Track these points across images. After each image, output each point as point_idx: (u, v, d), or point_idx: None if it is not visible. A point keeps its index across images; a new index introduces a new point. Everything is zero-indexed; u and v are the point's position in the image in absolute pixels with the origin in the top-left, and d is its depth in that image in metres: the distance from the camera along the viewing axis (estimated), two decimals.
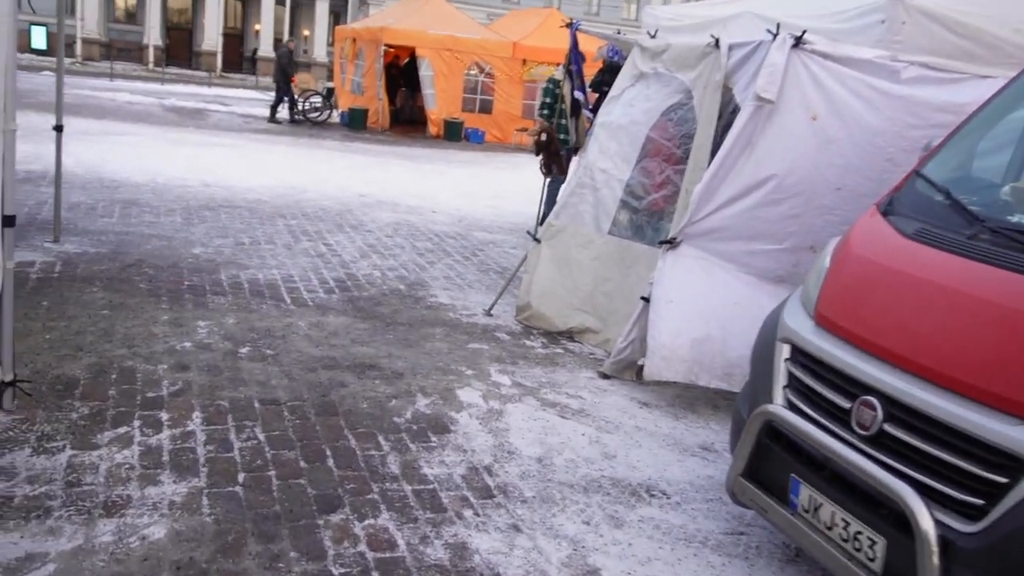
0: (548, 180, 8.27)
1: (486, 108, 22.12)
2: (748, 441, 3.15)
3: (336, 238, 8.34)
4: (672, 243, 5.03)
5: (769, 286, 5.07)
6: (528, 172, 15.82)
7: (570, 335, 5.93)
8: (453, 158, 17.26)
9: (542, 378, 5.07)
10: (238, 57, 44.10)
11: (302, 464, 3.70)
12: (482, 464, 3.90)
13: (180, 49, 42.99)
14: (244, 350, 4.96)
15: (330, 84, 25.22)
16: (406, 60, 22.88)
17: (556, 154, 7.82)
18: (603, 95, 8.40)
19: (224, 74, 39.78)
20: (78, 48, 37.90)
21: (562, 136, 8.34)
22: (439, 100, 21.36)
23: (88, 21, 39.14)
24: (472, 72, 21.76)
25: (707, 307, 4.94)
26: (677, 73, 5.58)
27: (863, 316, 2.98)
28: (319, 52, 41.30)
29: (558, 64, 22.78)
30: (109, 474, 3.44)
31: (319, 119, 21.69)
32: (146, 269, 6.39)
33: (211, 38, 40.87)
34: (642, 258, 5.63)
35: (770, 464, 3.11)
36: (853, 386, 2.84)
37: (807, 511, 2.91)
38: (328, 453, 3.83)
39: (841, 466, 2.76)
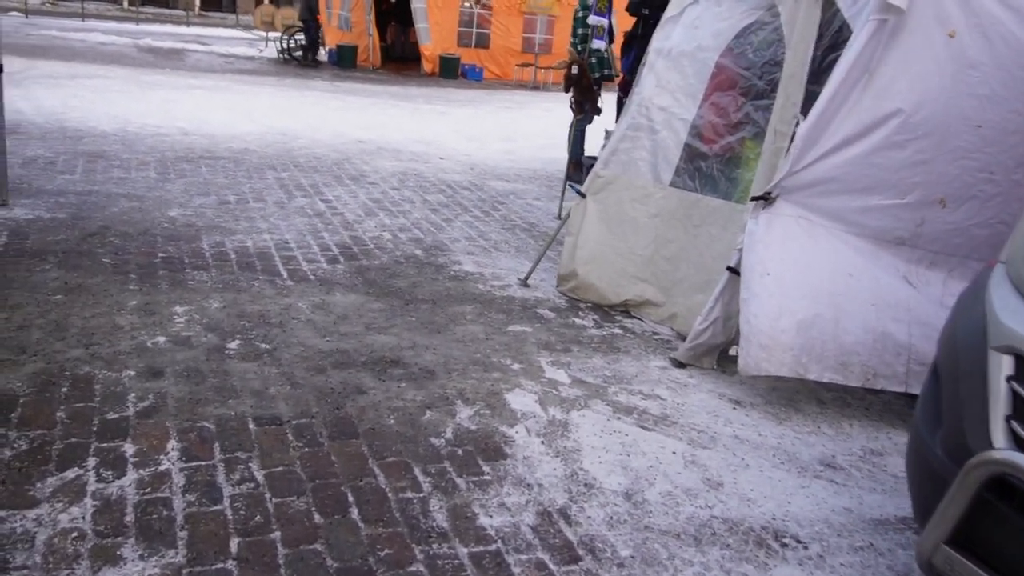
0: (577, 119, 7.23)
1: (483, 43, 20.78)
2: (961, 499, 2.19)
3: (335, 192, 7.26)
4: (767, 199, 4.00)
5: (886, 252, 4.07)
6: (536, 111, 14.68)
7: (626, 309, 4.93)
8: (453, 97, 16.03)
9: (605, 371, 4.09)
10: None
11: (316, 519, 2.73)
12: (555, 506, 2.94)
13: None
14: (233, 345, 3.95)
15: None
16: None
17: (588, 89, 6.72)
18: (644, 19, 7.27)
19: (203, 12, 38.07)
20: None
21: (601, 73, 7.19)
22: (433, 35, 20.01)
23: None
24: (467, 4, 20.34)
25: (813, 280, 3.94)
26: None
27: None
28: None
29: None
30: (49, 549, 2.47)
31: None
32: (112, 238, 5.33)
33: None
34: (714, 215, 4.62)
35: (996, 531, 2.16)
36: None
37: None
38: (350, 499, 2.86)
39: None
